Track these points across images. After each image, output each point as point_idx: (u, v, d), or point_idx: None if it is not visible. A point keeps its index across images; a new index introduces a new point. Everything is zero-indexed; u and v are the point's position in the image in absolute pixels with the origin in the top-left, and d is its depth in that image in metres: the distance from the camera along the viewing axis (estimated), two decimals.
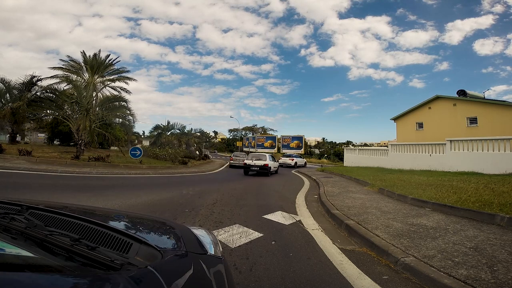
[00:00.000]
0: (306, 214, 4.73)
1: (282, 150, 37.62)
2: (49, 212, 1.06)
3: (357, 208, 4.81)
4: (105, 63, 21.47)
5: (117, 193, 5.91)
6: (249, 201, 5.86)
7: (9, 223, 0.93)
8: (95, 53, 21.37)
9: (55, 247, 0.79)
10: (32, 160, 10.92)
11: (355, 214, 4.28)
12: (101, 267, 0.69)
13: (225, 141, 73.82)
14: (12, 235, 0.85)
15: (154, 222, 1.39)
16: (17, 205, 1.13)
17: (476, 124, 16.75)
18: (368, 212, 4.45)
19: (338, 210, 4.56)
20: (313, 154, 69.52)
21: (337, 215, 4.24)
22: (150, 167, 13.35)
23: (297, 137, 38.21)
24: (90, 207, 1.59)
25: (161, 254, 0.80)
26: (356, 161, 21.65)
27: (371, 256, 2.85)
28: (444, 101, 19.13)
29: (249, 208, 4.97)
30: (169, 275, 0.71)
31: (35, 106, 16.07)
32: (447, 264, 2.40)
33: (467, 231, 3.45)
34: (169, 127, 19.74)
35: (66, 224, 0.97)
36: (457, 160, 13.66)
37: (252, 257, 2.64)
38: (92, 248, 0.76)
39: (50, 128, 22.47)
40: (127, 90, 22.20)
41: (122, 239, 0.86)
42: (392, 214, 4.38)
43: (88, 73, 20.85)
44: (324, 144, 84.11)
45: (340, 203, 5.28)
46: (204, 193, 6.63)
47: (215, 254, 1.07)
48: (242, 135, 58.58)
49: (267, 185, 9.35)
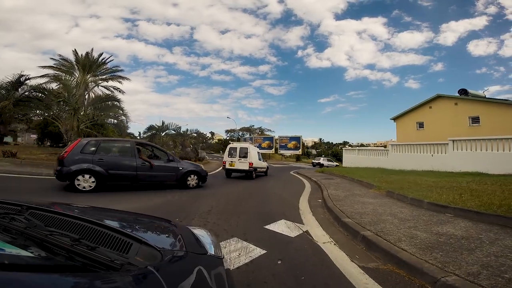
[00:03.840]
0: (313, 223, 4.20)
1: (279, 150, 37.13)
2: (49, 212, 1.07)
3: (370, 215, 4.30)
4: (98, 62, 20.87)
5: (97, 198, 5.28)
6: (247, 207, 5.31)
7: (9, 223, 0.94)
8: (87, 51, 20.75)
9: (55, 247, 0.80)
10: (17, 162, 10.28)
11: (369, 223, 3.77)
12: (101, 267, 0.70)
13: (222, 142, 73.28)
14: (12, 235, 0.86)
15: (154, 222, 1.36)
16: (17, 205, 1.13)
17: (478, 123, 16.44)
18: (384, 220, 3.94)
19: (349, 218, 4.04)
20: (310, 154, 69.23)
21: (349, 224, 3.71)
22: None
23: (294, 137, 37.74)
24: (90, 207, 1.56)
25: (161, 254, 0.80)
26: (355, 161, 21.27)
27: (401, 275, 2.34)
28: (445, 100, 18.81)
29: (248, 217, 4.42)
30: (169, 275, 0.70)
31: (22, 106, 15.34)
32: (498, 283, 1.97)
33: (505, 240, 2.98)
34: (163, 128, 19.02)
35: (66, 224, 0.97)
36: (460, 160, 13.31)
37: (254, 284, 2.10)
38: (92, 248, 0.77)
39: (40, 128, 21.73)
40: (120, 90, 21.66)
41: (122, 239, 0.86)
42: (411, 221, 3.88)
43: (80, 72, 20.28)
44: (321, 144, 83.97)
45: (349, 209, 4.77)
46: (198, 198, 6.07)
47: (215, 254, 1.05)
48: (239, 136, 58.00)
49: (266, 188, 8.81)
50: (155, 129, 19.25)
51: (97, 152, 6.18)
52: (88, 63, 20.02)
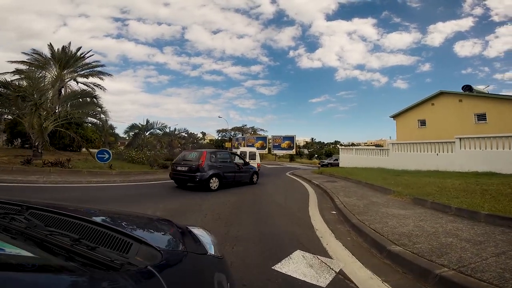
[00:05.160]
0: (343, 253, 2.90)
1: (273, 151, 35.86)
2: (49, 212, 1.07)
3: (421, 237, 3.06)
4: (76, 57, 19.29)
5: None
6: (244, 227, 3.93)
7: (9, 223, 0.94)
8: (63, 45, 19.13)
9: (55, 247, 0.79)
10: None
11: (432, 252, 2.53)
12: (101, 267, 0.69)
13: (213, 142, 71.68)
14: (12, 235, 0.85)
15: (154, 222, 1.37)
16: (17, 205, 1.14)
17: (485, 120, 15.65)
18: (449, 245, 2.71)
19: (397, 245, 2.78)
20: (302, 154, 68.61)
21: (404, 256, 2.47)
22: (122, 172, 11.12)
23: (288, 137, 36.56)
24: (90, 207, 1.52)
25: (161, 254, 0.79)
26: (353, 161, 20.29)
27: None
28: (448, 97, 17.98)
29: (247, 246, 3.04)
30: (169, 275, 0.70)
31: None
32: None
33: None
34: (148, 127, 17.34)
35: (66, 224, 0.97)
36: (469, 160, 12.46)
37: None
38: (92, 248, 0.76)
39: (9, 128, 19.65)
40: (101, 87, 20.14)
41: (122, 239, 0.86)
42: (495, 246, 2.64)
43: (56, 68, 18.64)
44: (313, 144, 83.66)
45: (384, 227, 3.52)
46: (180, 214, 4.69)
47: (215, 254, 1.03)
48: (231, 136, 56.47)
49: (264, 196, 7.46)
50: (138, 128, 17.52)
51: (215, 161, 8.08)
52: (65, 57, 18.54)
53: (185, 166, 7.86)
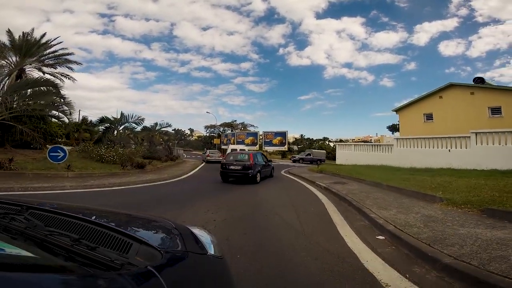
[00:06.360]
0: None
1: (264, 147, 33.94)
2: (49, 212, 1.07)
3: None
4: (39, 43, 16.84)
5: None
6: (243, 273, 2.02)
7: (9, 223, 0.93)
8: (24, 32, 16.64)
9: (55, 247, 0.79)
10: None
11: None
12: (101, 267, 0.68)
13: (202, 139, 68.93)
14: (12, 235, 0.85)
15: (154, 222, 1.33)
16: (17, 205, 1.13)
17: (500, 114, 14.48)
18: None
19: None
20: (292, 150, 67.63)
21: None
22: (81, 175, 8.88)
23: (280, 132, 34.75)
24: (90, 207, 1.54)
25: (161, 254, 0.78)
26: (351, 158, 18.82)
27: None
28: (458, 89, 16.75)
29: None
30: (169, 275, 0.70)
31: None
32: None
33: None
34: (122, 120, 14.92)
35: (66, 224, 0.96)
36: (486, 156, 11.15)
37: None
38: (92, 248, 0.75)
39: None
40: (70, 77, 17.94)
41: (122, 239, 0.84)
42: None
43: (15, 55, 16.02)
44: (302, 140, 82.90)
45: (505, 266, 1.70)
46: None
47: (215, 254, 1.01)
48: (220, 132, 54.12)
49: (266, 207, 5.55)
50: (110, 122, 15.05)
51: (257, 160, 10.13)
52: (26, 45, 15.84)
53: (238, 165, 9.63)
